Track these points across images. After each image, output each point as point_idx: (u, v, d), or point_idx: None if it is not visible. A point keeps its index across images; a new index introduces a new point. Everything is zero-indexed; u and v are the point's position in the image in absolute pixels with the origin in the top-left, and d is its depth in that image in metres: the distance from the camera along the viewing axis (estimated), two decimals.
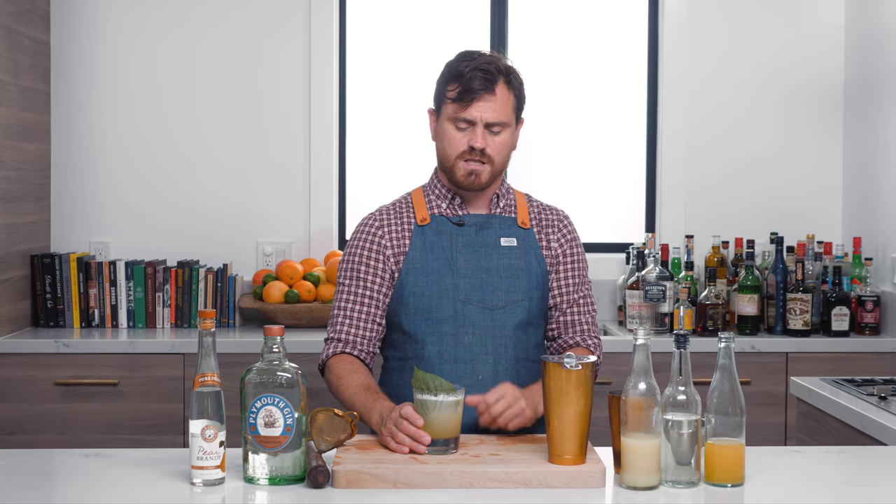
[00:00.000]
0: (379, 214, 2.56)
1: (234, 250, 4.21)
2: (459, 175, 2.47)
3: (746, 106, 4.33)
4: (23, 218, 3.89)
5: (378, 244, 2.51)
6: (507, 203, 2.56)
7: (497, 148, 2.45)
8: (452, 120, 2.45)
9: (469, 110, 2.43)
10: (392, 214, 2.55)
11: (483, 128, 2.43)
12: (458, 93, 2.43)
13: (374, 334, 2.51)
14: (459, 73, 2.44)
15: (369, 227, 2.54)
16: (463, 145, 2.45)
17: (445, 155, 2.48)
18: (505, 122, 2.45)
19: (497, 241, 2.50)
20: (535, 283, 2.50)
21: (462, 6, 4.38)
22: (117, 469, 2.05)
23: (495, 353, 2.45)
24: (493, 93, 2.42)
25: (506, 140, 2.47)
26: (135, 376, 3.65)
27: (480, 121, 2.43)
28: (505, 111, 2.45)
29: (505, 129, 2.46)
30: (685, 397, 1.93)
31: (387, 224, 2.53)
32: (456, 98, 2.43)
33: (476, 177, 2.46)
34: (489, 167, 2.46)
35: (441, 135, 2.49)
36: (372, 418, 2.27)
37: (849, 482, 2.11)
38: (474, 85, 2.41)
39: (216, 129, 4.22)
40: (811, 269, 3.96)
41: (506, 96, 2.45)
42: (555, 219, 2.59)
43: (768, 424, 3.73)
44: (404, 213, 2.55)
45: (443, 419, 2.09)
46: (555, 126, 4.42)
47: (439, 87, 2.50)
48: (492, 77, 2.42)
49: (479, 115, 2.42)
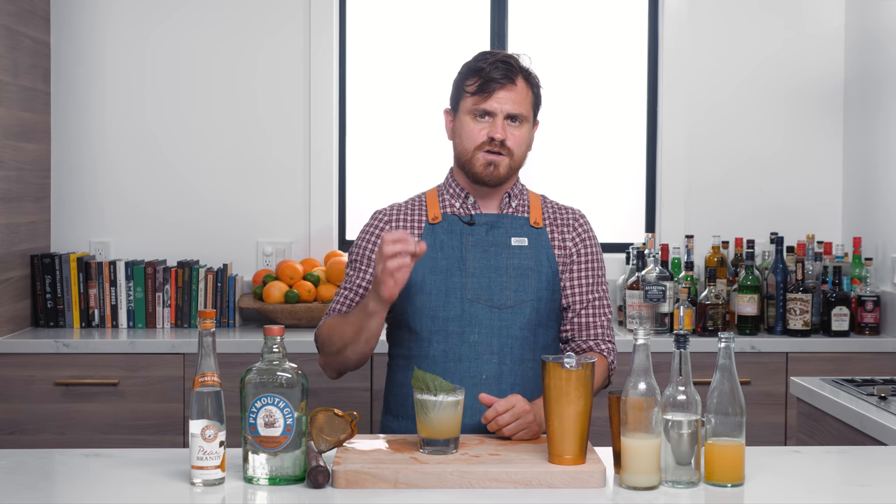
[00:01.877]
0: (391, 210, 2.57)
1: (234, 250, 4.21)
2: (478, 166, 2.45)
3: (746, 106, 4.33)
4: (23, 218, 3.89)
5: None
6: (519, 203, 2.55)
7: (517, 141, 2.45)
8: (472, 112, 2.45)
9: (490, 101, 2.43)
10: (403, 211, 2.55)
11: (503, 119, 2.43)
12: (477, 85, 2.44)
13: None
14: (479, 67, 2.45)
15: (379, 220, 2.56)
16: (483, 136, 2.44)
17: (464, 148, 2.47)
18: (525, 115, 2.46)
19: (508, 240, 2.49)
20: (546, 284, 2.48)
21: (462, 6, 4.38)
22: (117, 469, 2.05)
23: (500, 352, 2.44)
24: (514, 83, 2.44)
25: (525, 135, 2.47)
26: (135, 376, 3.65)
27: (501, 112, 2.43)
28: (525, 104, 2.46)
29: (524, 123, 2.47)
30: (685, 397, 1.93)
31: (396, 220, 2.54)
32: (476, 91, 2.44)
33: (495, 168, 2.44)
34: (508, 160, 2.45)
35: (459, 130, 2.48)
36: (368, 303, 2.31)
37: (849, 482, 2.11)
38: (495, 75, 2.42)
39: (216, 129, 4.22)
40: (811, 269, 3.96)
41: (525, 90, 2.47)
42: (570, 218, 2.57)
43: (768, 424, 3.73)
44: (416, 211, 2.55)
45: (442, 419, 2.09)
46: (555, 126, 4.41)
47: (457, 85, 2.51)
48: (512, 70, 2.44)
49: (500, 107, 2.43)
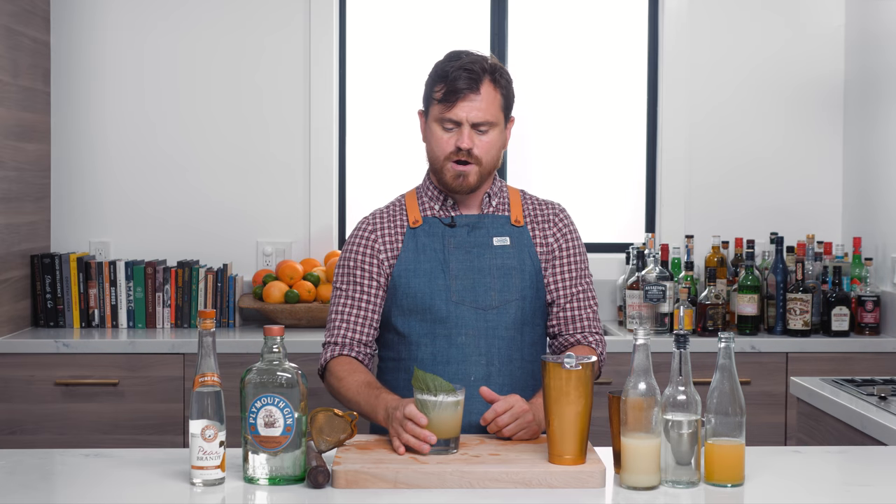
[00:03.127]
0: (373, 218, 2.57)
1: (234, 250, 4.21)
2: (448, 177, 2.47)
3: (746, 106, 4.33)
4: (23, 218, 3.89)
5: (372, 248, 2.52)
6: (500, 201, 2.55)
7: (484, 148, 2.44)
8: (439, 121, 2.45)
9: (454, 111, 2.42)
10: (385, 217, 2.56)
11: (469, 128, 2.43)
12: (443, 93, 2.43)
13: (371, 337, 2.52)
14: (445, 73, 2.44)
15: (363, 231, 2.55)
16: (450, 146, 2.44)
17: (434, 156, 2.49)
18: (492, 122, 2.44)
19: (489, 240, 2.50)
20: (529, 282, 2.49)
21: (462, 6, 4.38)
22: (117, 469, 2.05)
23: (488, 353, 2.44)
24: (477, 92, 2.42)
25: (493, 140, 2.46)
26: (135, 376, 3.65)
27: (466, 121, 2.42)
28: (491, 110, 2.44)
29: (492, 129, 2.45)
30: (685, 397, 1.93)
31: (380, 228, 2.54)
32: (442, 99, 2.43)
33: (464, 178, 2.46)
34: (477, 168, 2.45)
35: (429, 136, 2.49)
36: (378, 415, 2.28)
37: (849, 482, 2.11)
38: (459, 84, 2.41)
39: (216, 129, 4.22)
40: (811, 269, 3.96)
41: (492, 95, 2.44)
42: (549, 213, 2.57)
43: (768, 424, 3.73)
44: (397, 216, 2.55)
45: (443, 419, 2.09)
46: (555, 126, 4.42)
47: (427, 88, 2.51)
48: (476, 76, 2.41)
49: (465, 116, 2.42)
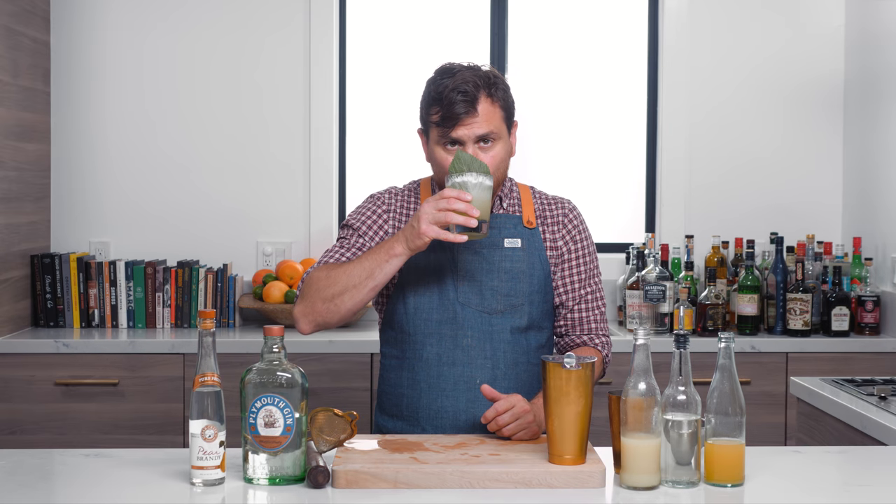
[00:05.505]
0: (389, 197, 2.52)
1: (234, 250, 4.21)
2: None
3: (746, 106, 4.33)
4: (23, 218, 3.89)
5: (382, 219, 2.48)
6: (510, 202, 2.51)
7: (493, 164, 2.37)
8: (440, 143, 2.39)
9: (456, 131, 2.35)
10: (400, 201, 2.51)
11: (473, 144, 2.36)
12: (440, 117, 2.36)
13: None
14: (439, 95, 2.36)
15: (377, 204, 2.50)
16: None
17: (441, 178, 2.41)
18: (495, 132, 2.37)
19: (501, 241, 2.45)
20: (538, 287, 2.46)
21: (462, 6, 4.38)
22: (117, 469, 2.05)
23: (493, 357, 2.41)
24: (475, 113, 2.34)
25: (499, 153, 2.39)
26: (135, 376, 3.65)
27: (469, 138, 2.35)
28: (493, 121, 2.37)
29: (497, 141, 2.38)
30: (685, 397, 1.93)
31: (393, 209, 2.50)
32: (440, 123, 2.36)
33: None
34: None
35: (433, 157, 2.42)
36: (396, 241, 2.27)
37: (849, 482, 2.11)
38: (456, 109, 2.33)
39: (216, 129, 4.22)
40: (811, 269, 3.96)
41: (490, 110, 2.37)
42: (559, 213, 2.52)
43: (768, 424, 3.73)
44: (412, 203, 2.51)
45: (480, 200, 2.24)
46: (555, 126, 4.42)
47: (423, 111, 2.44)
48: (471, 97, 2.34)
49: (468, 133, 2.35)
